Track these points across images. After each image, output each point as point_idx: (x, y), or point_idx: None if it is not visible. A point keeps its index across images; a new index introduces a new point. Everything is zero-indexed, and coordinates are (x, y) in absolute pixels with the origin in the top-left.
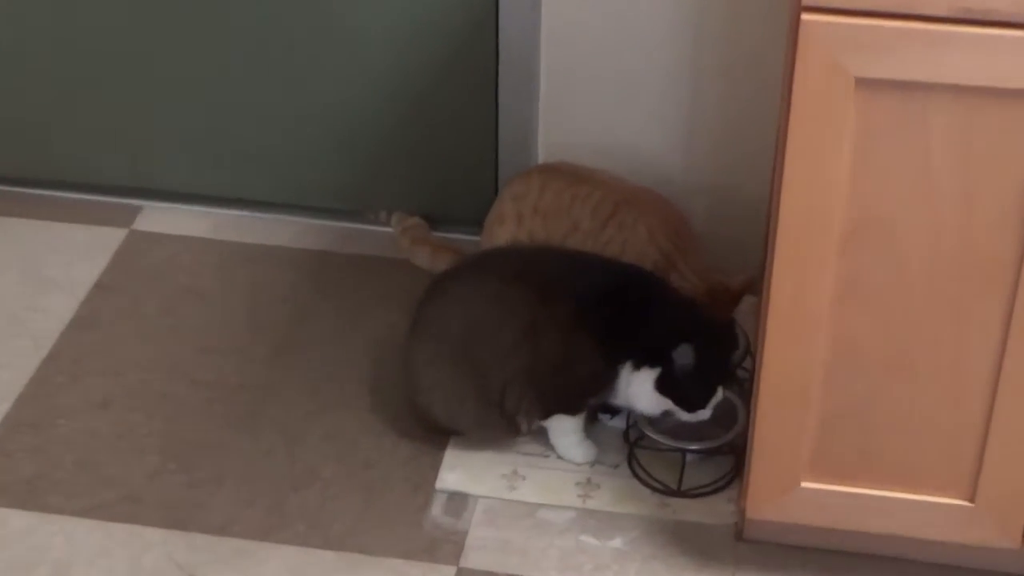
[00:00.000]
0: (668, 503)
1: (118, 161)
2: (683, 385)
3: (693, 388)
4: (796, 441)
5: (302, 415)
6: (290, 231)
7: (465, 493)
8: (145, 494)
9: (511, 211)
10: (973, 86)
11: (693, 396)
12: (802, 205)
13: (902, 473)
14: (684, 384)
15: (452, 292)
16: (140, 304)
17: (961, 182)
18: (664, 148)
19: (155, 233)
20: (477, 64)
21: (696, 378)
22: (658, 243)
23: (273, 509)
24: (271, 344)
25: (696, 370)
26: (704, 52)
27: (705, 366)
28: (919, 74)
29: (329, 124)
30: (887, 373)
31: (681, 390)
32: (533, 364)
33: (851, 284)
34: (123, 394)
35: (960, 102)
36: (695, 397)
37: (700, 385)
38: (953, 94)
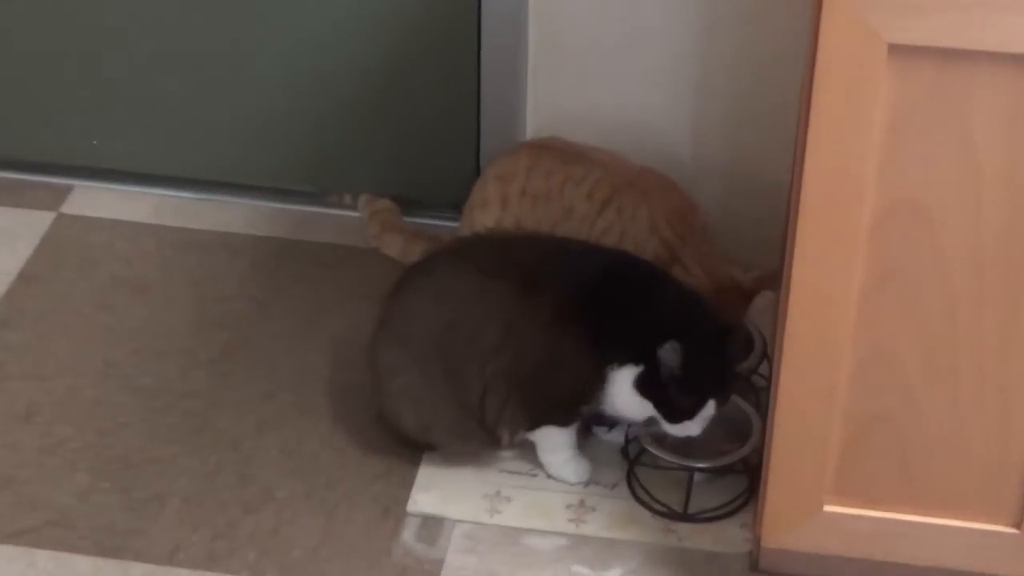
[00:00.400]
0: (673, 528)
1: (44, 135)
2: (667, 389)
3: (678, 394)
4: (819, 459)
5: (255, 427)
6: (242, 215)
7: (441, 516)
8: (75, 517)
9: (495, 194)
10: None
11: (677, 404)
12: (827, 188)
13: (939, 496)
14: (668, 388)
15: (424, 286)
16: (70, 298)
17: (1007, 162)
18: (670, 123)
19: (87, 217)
20: (456, 26)
21: (683, 383)
22: (660, 232)
23: (222, 534)
24: (220, 345)
25: (684, 373)
26: (716, 12)
27: (696, 370)
28: (961, 40)
29: (287, 94)
30: (923, 380)
31: (664, 394)
32: (514, 367)
33: (882, 277)
34: (50, 402)
35: (1007, 72)
36: (680, 405)
37: (687, 392)
38: (999, 63)
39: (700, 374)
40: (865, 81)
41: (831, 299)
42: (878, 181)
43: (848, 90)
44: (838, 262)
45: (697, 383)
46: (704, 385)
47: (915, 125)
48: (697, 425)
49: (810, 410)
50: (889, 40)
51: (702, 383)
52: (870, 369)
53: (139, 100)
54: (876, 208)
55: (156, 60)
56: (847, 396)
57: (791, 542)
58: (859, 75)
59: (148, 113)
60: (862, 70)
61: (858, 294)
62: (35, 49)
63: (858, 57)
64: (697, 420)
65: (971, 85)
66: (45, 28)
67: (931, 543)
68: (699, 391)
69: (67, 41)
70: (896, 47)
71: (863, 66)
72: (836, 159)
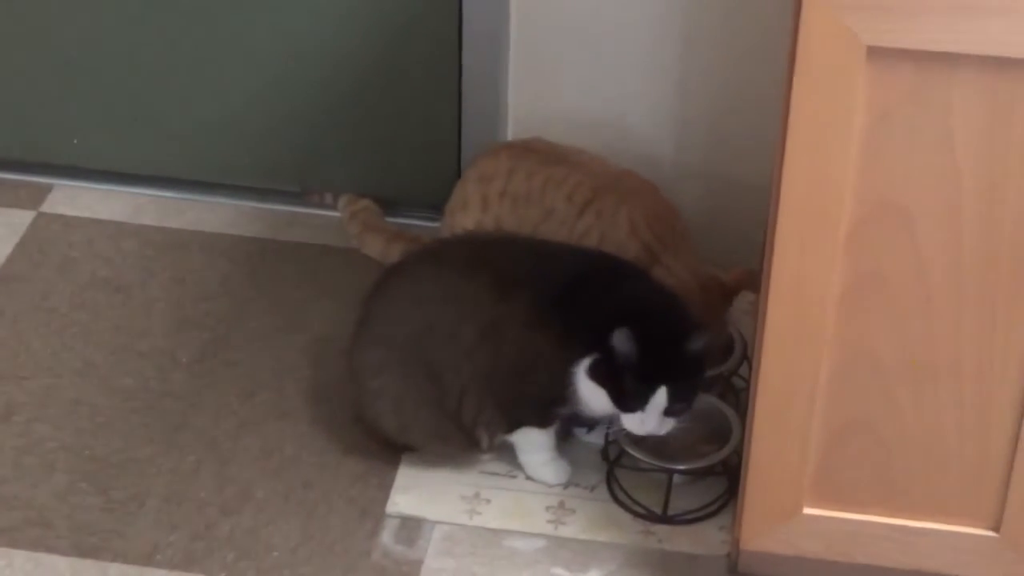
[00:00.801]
0: (652, 530)
1: (24, 133)
2: (620, 376)
3: (629, 380)
4: (798, 461)
5: (234, 427)
6: (221, 215)
7: (420, 518)
8: (53, 517)
9: (476, 195)
10: (1004, 57)
11: (628, 392)
12: (806, 191)
13: (918, 499)
14: (621, 374)
15: (404, 287)
16: (49, 298)
17: (986, 165)
18: (651, 124)
19: (67, 216)
20: (437, 27)
21: (635, 369)
22: (640, 235)
23: (200, 536)
24: (199, 345)
25: (636, 360)
26: (698, 13)
27: (647, 357)
28: (940, 43)
29: (268, 94)
30: (902, 382)
31: (617, 381)
32: (490, 368)
33: (861, 281)
34: (28, 402)
35: (988, 76)
36: (630, 394)
37: (637, 378)
38: (980, 67)
39: (652, 361)
40: (844, 84)
41: (810, 302)
42: (857, 184)
43: (827, 93)
44: (818, 265)
45: (648, 370)
46: (655, 372)
47: (894, 128)
48: (652, 419)
49: (789, 412)
50: (868, 43)
51: (653, 370)
52: (849, 371)
53: (119, 99)
54: (856, 211)
55: (137, 59)
56: (826, 399)
57: (770, 544)
58: (838, 78)
59: (128, 112)
60: (841, 73)
61: (838, 297)
62: (14, 48)
63: (837, 60)
64: (651, 412)
65: (950, 88)
66: (24, 27)
67: (910, 546)
68: (649, 378)
69: (46, 40)
70: (875, 49)
71: (842, 69)
72: (815, 162)
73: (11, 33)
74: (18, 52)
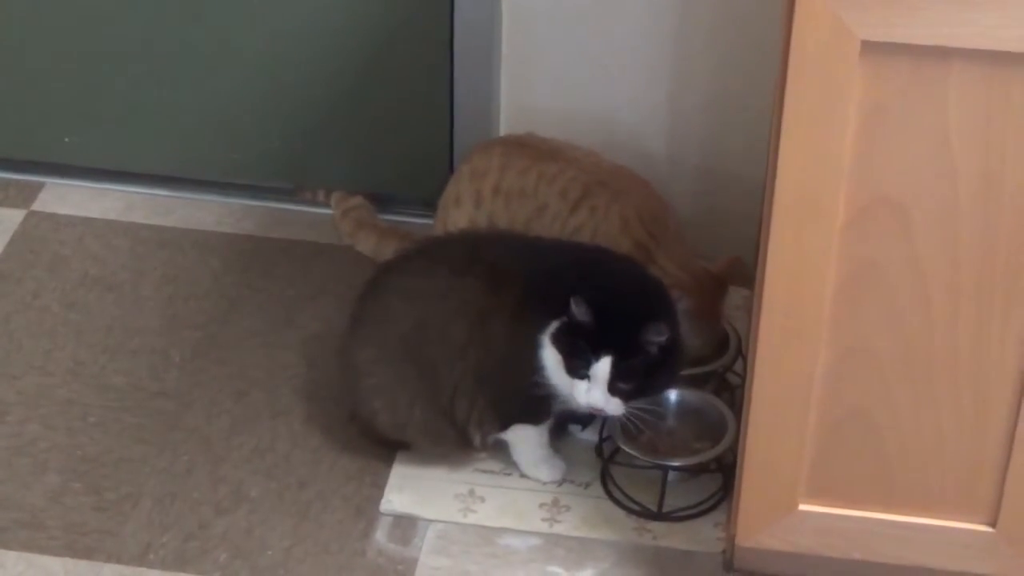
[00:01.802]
0: (647, 527)
1: (14, 132)
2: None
3: (579, 345)
4: (793, 457)
5: (227, 426)
6: (213, 213)
7: (414, 516)
8: (46, 518)
9: (469, 191)
10: (999, 51)
11: (576, 355)
12: (800, 186)
13: (914, 494)
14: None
15: (396, 285)
16: (40, 297)
17: (982, 158)
18: (644, 120)
19: (58, 215)
20: (429, 23)
21: (586, 336)
22: (633, 232)
23: (193, 535)
24: (191, 344)
25: (590, 328)
26: (691, 9)
27: (601, 328)
28: (935, 37)
29: (259, 91)
30: (898, 377)
31: (569, 346)
32: (480, 364)
33: (857, 276)
34: (20, 402)
35: (981, 69)
36: (577, 357)
37: (585, 345)
38: (973, 60)
39: (602, 330)
40: (839, 78)
41: (805, 297)
42: (852, 178)
43: (822, 88)
44: (813, 260)
45: (596, 337)
46: (602, 340)
47: (890, 122)
48: (597, 390)
49: (785, 408)
50: (862, 37)
51: (601, 338)
52: (845, 366)
53: (110, 97)
54: (851, 205)
55: (127, 57)
56: (822, 394)
57: (766, 540)
58: (832, 72)
59: (119, 110)
60: (835, 67)
61: (833, 291)
62: (3, 46)
63: (831, 54)
64: (596, 383)
65: (945, 82)
66: (13, 26)
67: (907, 541)
68: (596, 345)
69: (37, 38)
70: (869, 44)
71: (836, 63)
72: (810, 157)
73: (2, 35)
74: (8, 51)
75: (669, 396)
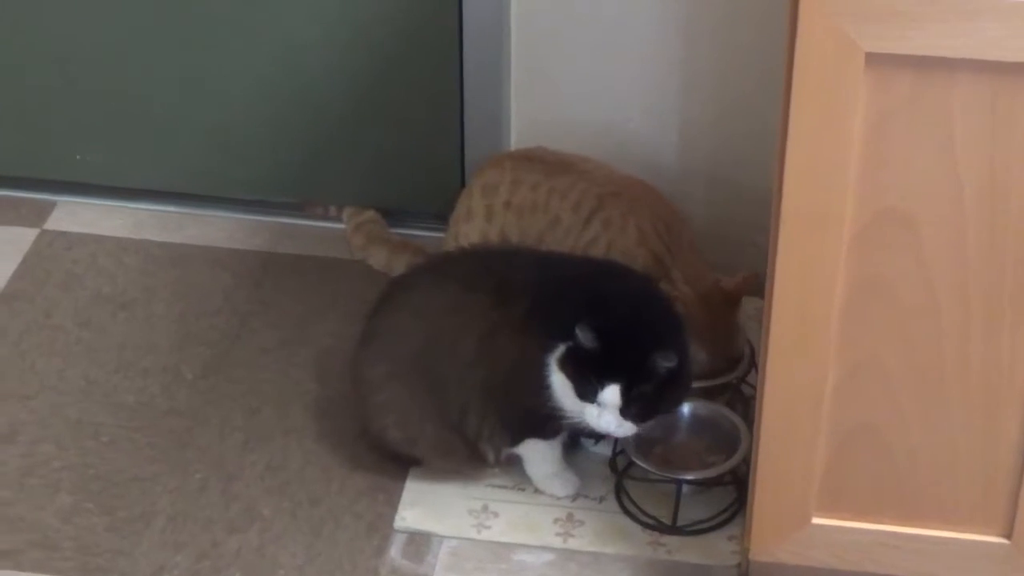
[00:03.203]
0: (661, 541)
1: (26, 151)
2: (581, 366)
3: (587, 372)
4: (805, 470)
5: (239, 444)
6: (224, 229)
7: (428, 533)
8: (59, 539)
9: (480, 205)
10: (1004, 62)
11: (584, 381)
12: (807, 198)
13: (927, 507)
14: (582, 363)
15: (405, 301)
16: (52, 316)
17: (988, 168)
18: (654, 130)
19: (70, 233)
20: (438, 37)
21: (593, 363)
22: (650, 244)
23: (206, 554)
24: (203, 361)
25: (598, 354)
26: (699, 19)
27: (608, 354)
28: (939, 48)
29: (269, 106)
30: (909, 389)
31: (577, 371)
32: (489, 379)
33: (866, 286)
34: (32, 422)
35: (985, 79)
36: (586, 384)
37: (594, 372)
38: (977, 70)
39: (610, 357)
40: (843, 90)
41: (815, 309)
42: (859, 190)
43: (826, 100)
44: (821, 272)
45: (604, 364)
46: (610, 368)
47: (895, 133)
48: (608, 416)
49: (796, 421)
50: (867, 49)
51: (608, 366)
52: (856, 379)
53: (120, 114)
54: (858, 217)
55: (136, 74)
56: (833, 407)
57: (780, 555)
58: (837, 85)
59: (129, 127)
60: (840, 79)
61: (842, 303)
62: (15, 65)
63: (835, 66)
64: (606, 409)
65: (950, 92)
66: (25, 45)
67: (921, 554)
68: (604, 372)
69: (47, 57)
70: (873, 56)
71: (841, 75)
72: (816, 169)
73: (13, 52)
74: (19, 70)
75: (682, 409)
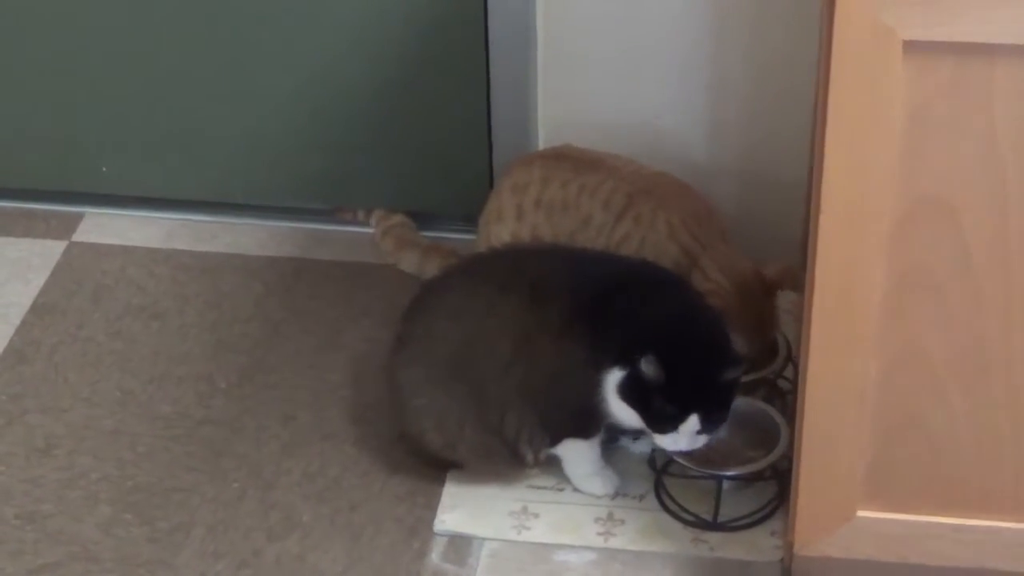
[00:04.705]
0: (703, 538)
1: (53, 163)
2: (650, 398)
3: (660, 405)
4: (850, 464)
5: (276, 451)
6: (254, 236)
7: (468, 535)
8: (99, 550)
9: (510, 205)
10: None
11: (661, 414)
12: (848, 188)
13: (973, 497)
14: (652, 398)
15: (440, 304)
16: (85, 328)
17: None
18: (685, 125)
19: (99, 244)
20: (465, 34)
21: (665, 393)
22: (680, 239)
23: (247, 563)
24: (237, 369)
25: (667, 384)
26: (729, 11)
27: (678, 382)
28: (978, 34)
29: (296, 112)
30: (953, 380)
31: (646, 402)
32: (527, 380)
33: (907, 278)
34: (69, 434)
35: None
36: (663, 416)
37: (669, 402)
38: (1018, 56)
39: (681, 389)
40: (882, 79)
41: (856, 301)
42: (900, 179)
43: (865, 89)
44: (862, 263)
45: (677, 397)
46: (685, 400)
47: (935, 121)
48: (685, 439)
49: (839, 414)
50: (904, 37)
51: (682, 398)
52: (899, 370)
53: (147, 125)
54: (899, 206)
55: (163, 83)
56: (876, 398)
57: (824, 549)
58: (875, 73)
59: (156, 137)
60: (878, 68)
61: (884, 295)
62: (42, 79)
63: (874, 55)
64: (683, 434)
65: (991, 79)
66: (52, 58)
67: (966, 544)
68: (679, 405)
69: (74, 69)
70: (912, 43)
71: (879, 64)
72: (856, 159)
73: (39, 65)
74: (46, 83)
75: None
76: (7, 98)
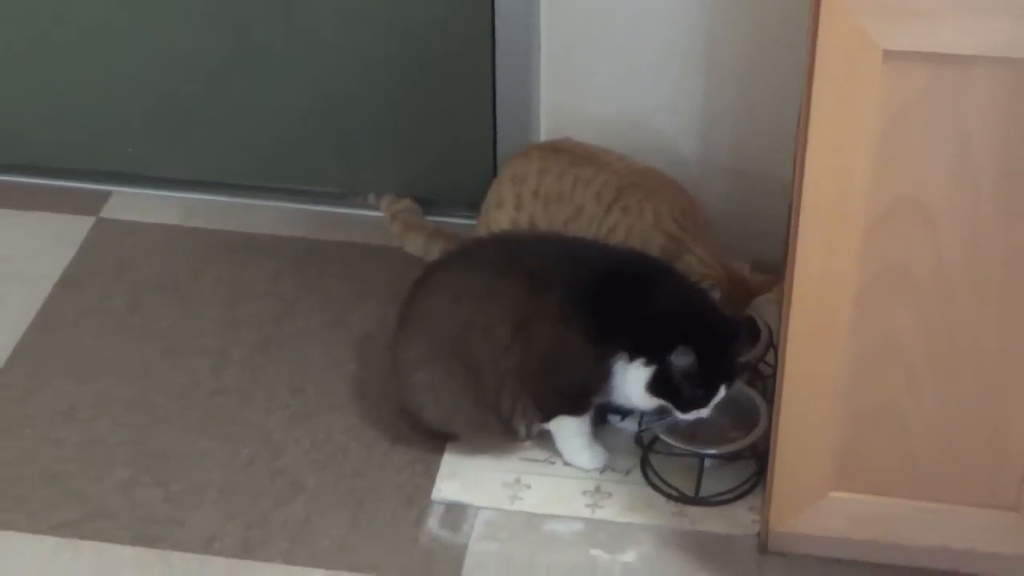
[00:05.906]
0: (685, 512)
1: (83, 143)
2: (681, 386)
3: (692, 389)
4: (824, 447)
5: (285, 420)
6: (269, 217)
7: (464, 504)
8: (116, 509)
9: (510, 194)
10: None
11: (692, 397)
12: (826, 188)
13: (941, 482)
14: (682, 385)
15: (442, 285)
16: (108, 300)
17: (1004, 163)
18: (678, 124)
19: (123, 221)
20: (471, 30)
21: (696, 379)
22: (664, 226)
23: (255, 524)
24: (250, 343)
25: (697, 371)
26: (722, 16)
27: (707, 366)
28: (955, 46)
29: (310, 98)
30: (924, 370)
31: (678, 392)
32: (524, 362)
33: (882, 273)
34: (90, 400)
35: (1001, 76)
36: (694, 398)
37: (700, 386)
38: (994, 67)
39: (712, 368)
40: (861, 86)
41: (833, 295)
42: (877, 181)
43: (845, 95)
44: (839, 259)
45: (709, 378)
46: (715, 379)
47: (912, 127)
48: (708, 410)
49: (814, 400)
50: (884, 47)
51: (713, 377)
52: (872, 359)
53: (170, 109)
54: (875, 206)
55: (187, 70)
56: (850, 386)
57: (798, 526)
58: (855, 80)
59: (180, 121)
60: (859, 75)
61: (860, 289)
62: (72, 64)
63: (855, 63)
64: (710, 407)
65: (966, 89)
66: (81, 45)
67: (933, 526)
68: (711, 385)
69: (101, 55)
70: (891, 53)
71: (860, 72)
72: (835, 161)
73: (68, 49)
74: (76, 69)
75: None
76: (43, 82)
